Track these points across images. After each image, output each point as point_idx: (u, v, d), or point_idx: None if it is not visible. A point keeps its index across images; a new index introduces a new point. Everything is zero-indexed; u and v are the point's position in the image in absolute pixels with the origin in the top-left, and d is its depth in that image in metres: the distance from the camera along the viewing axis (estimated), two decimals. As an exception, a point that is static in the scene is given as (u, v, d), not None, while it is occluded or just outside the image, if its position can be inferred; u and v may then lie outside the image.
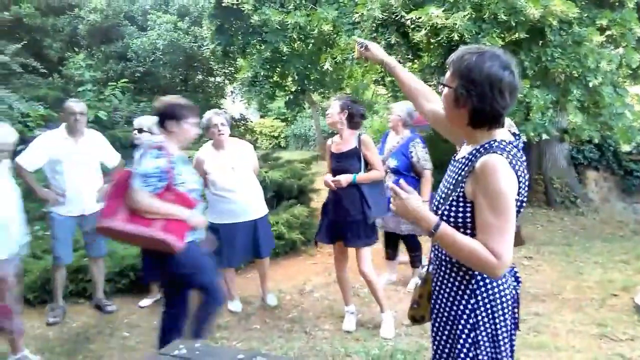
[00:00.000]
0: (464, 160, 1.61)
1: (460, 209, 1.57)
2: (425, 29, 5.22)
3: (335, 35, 6.42)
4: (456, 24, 4.80)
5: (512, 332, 1.68)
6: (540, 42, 5.35)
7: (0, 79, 8.22)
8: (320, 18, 6.27)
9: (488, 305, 1.59)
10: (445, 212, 1.60)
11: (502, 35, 5.11)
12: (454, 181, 1.62)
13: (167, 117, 2.95)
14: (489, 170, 1.47)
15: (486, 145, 1.54)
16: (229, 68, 9.56)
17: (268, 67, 7.06)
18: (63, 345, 3.84)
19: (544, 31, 5.16)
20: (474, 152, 1.57)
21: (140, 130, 4.46)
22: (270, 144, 17.32)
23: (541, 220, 7.37)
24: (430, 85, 5.62)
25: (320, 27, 6.27)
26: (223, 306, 4.38)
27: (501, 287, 1.62)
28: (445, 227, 1.54)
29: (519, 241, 4.29)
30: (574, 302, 4.26)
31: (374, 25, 5.80)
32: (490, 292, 1.60)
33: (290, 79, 7.66)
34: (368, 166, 3.87)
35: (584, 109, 5.63)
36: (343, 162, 3.89)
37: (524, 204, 1.62)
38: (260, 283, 4.61)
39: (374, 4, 5.48)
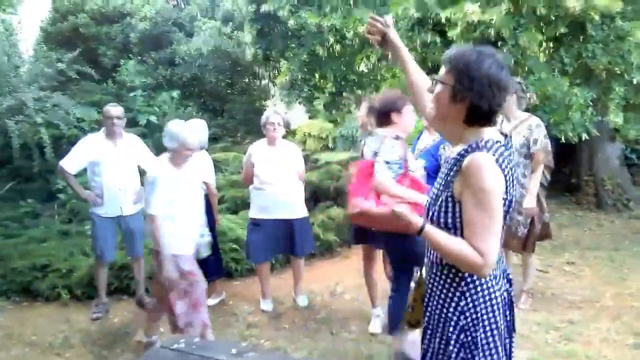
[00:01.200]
0: (453, 161, 1.60)
1: (450, 210, 1.56)
2: (461, 26, 5.10)
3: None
4: (493, 19, 4.65)
5: (506, 336, 1.65)
6: (581, 37, 5.10)
7: (58, 85, 8.71)
8: (355, 19, 6.26)
9: (478, 308, 1.57)
10: (435, 214, 1.60)
11: (541, 30, 4.90)
12: (443, 182, 1.62)
13: (391, 109, 3.23)
14: (474, 168, 1.48)
15: (473, 145, 1.54)
16: (272, 71, 9.71)
17: (306, 70, 7.11)
18: (103, 339, 4.03)
19: (585, 26, 4.93)
20: (462, 151, 1.57)
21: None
22: (318, 145, 17.51)
23: (590, 223, 7.00)
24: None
25: (355, 29, 6.26)
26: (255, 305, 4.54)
27: (492, 290, 1.59)
28: (430, 229, 1.55)
29: (545, 235, 4.11)
30: (612, 310, 4.04)
31: (410, 24, 5.72)
32: (480, 294, 1.58)
33: (327, 81, 7.68)
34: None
35: (628, 107, 5.31)
36: (374, 164, 3.88)
37: (513, 204, 1.59)
38: (293, 283, 4.67)
39: (409, 2, 5.41)
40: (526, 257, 4.23)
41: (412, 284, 1.87)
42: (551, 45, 4.96)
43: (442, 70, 1.60)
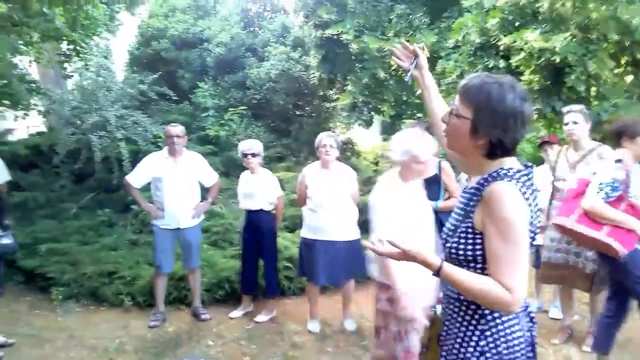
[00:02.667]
0: (472, 190, 1.50)
1: (470, 241, 1.45)
2: (525, 51, 4.86)
3: (431, 61, 6.24)
4: (556, 46, 4.38)
5: None
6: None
7: (139, 105, 9.26)
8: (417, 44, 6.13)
9: (500, 348, 1.44)
10: (454, 245, 1.49)
11: (614, 56, 4.55)
12: (462, 212, 1.51)
13: (623, 133, 3.24)
14: (497, 198, 1.38)
15: (494, 174, 1.43)
16: (337, 95, 9.78)
17: (367, 93, 7.09)
18: (156, 347, 4.12)
19: (664, 50, 4.51)
20: (481, 181, 1.46)
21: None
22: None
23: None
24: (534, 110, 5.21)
25: (417, 53, 6.13)
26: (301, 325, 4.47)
27: (514, 329, 1.46)
28: (449, 268, 1.43)
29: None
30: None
31: (472, 49, 5.54)
32: (502, 333, 1.45)
33: (387, 104, 7.60)
34: (446, 194, 3.68)
35: None
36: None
37: (536, 237, 1.49)
38: (342, 306, 4.57)
39: (471, 28, 5.24)
40: (594, 296, 3.87)
41: (427, 322, 1.74)
42: (629, 69, 4.57)
43: (457, 100, 1.49)
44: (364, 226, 6.84)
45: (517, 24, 5.05)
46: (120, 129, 8.06)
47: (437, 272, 1.43)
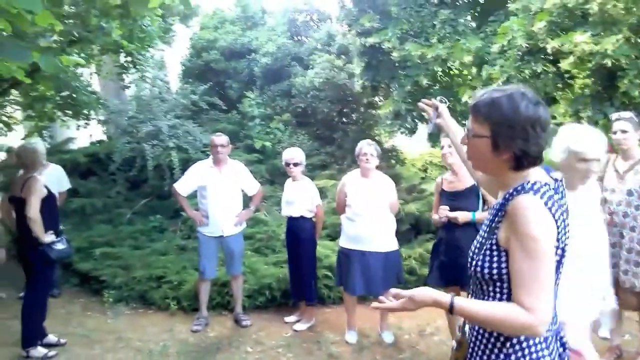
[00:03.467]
0: (498, 205, 1.44)
1: (495, 259, 1.38)
2: (575, 55, 4.59)
3: (476, 67, 6.04)
4: (607, 49, 4.11)
5: None
6: None
7: (190, 114, 9.54)
8: (462, 49, 5.97)
9: None
10: (480, 263, 1.41)
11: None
12: (487, 228, 1.44)
13: None
14: (520, 212, 1.30)
15: (519, 188, 1.37)
16: (381, 102, 9.66)
17: (410, 101, 6.95)
18: (197, 352, 4.21)
19: None
20: (507, 196, 1.40)
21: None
22: (439, 173, 16.99)
23: None
24: (582, 118, 4.93)
25: (461, 59, 5.97)
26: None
27: (542, 353, 1.36)
28: (461, 303, 1.34)
29: None
30: None
31: (519, 54, 5.30)
32: (528, 357, 1.35)
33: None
34: (485, 205, 3.53)
35: None
36: (459, 200, 3.62)
37: (566, 253, 1.38)
38: (380, 317, 4.49)
39: (517, 32, 5.02)
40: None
41: (454, 343, 1.65)
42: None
43: (471, 121, 1.45)
44: (407, 236, 6.74)
45: (565, 26, 4.79)
46: (172, 137, 8.34)
47: (450, 310, 1.35)
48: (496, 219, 1.41)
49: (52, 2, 3.20)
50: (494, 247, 1.38)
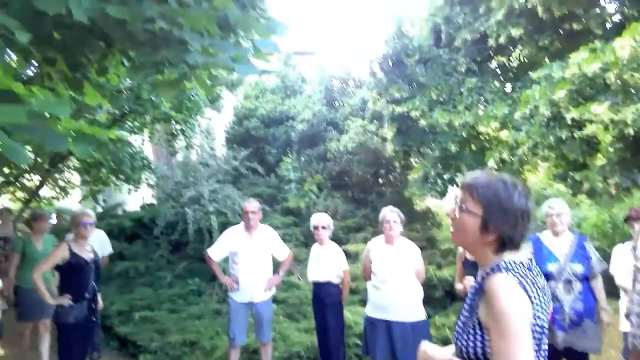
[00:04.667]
0: (476, 285, 1.49)
1: (478, 338, 1.40)
2: (600, 123, 4.56)
3: (500, 133, 6.09)
4: (627, 118, 4.08)
5: None
6: None
7: (230, 179, 9.91)
8: (489, 116, 6.04)
9: None
10: (464, 343, 1.44)
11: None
12: (469, 307, 1.47)
13: None
14: (495, 291, 1.35)
15: (494, 267, 1.42)
16: (415, 164, 9.76)
17: (439, 165, 7.01)
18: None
19: None
20: (483, 275, 1.46)
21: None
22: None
23: None
24: (608, 184, 4.81)
25: (488, 125, 6.03)
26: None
27: None
28: None
29: None
30: None
31: (544, 120, 5.32)
32: None
33: (460, 175, 7.44)
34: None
35: None
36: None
37: (546, 331, 1.39)
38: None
39: (539, 100, 5.07)
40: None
41: None
42: None
43: (464, 196, 1.52)
44: (442, 303, 6.54)
45: (587, 95, 4.80)
46: (213, 202, 8.65)
47: None
48: (476, 297, 1.45)
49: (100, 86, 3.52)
50: (477, 326, 1.41)
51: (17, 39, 1.54)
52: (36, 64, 2.65)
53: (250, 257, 4.76)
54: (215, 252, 4.90)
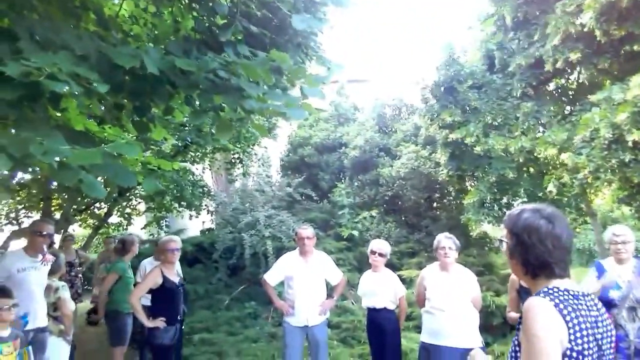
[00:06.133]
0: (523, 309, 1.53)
1: (518, 356, 1.47)
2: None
3: (560, 156, 5.85)
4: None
5: None
6: None
7: (285, 205, 10.11)
8: (546, 142, 5.85)
9: None
10: (513, 357, 1.51)
11: None
12: (518, 327, 1.53)
13: None
14: (527, 313, 1.41)
15: (538, 293, 1.48)
16: (470, 188, 9.54)
17: (495, 191, 6.82)
18: None
19: None
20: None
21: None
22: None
23: None
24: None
25: (545, 150, 5.83)
26: None
27: None
28: None
29: None
30: None
31: (605, 143, 5.09)
32: None
33: (519, 200, 7.19)
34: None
35: None
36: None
37: (586, 358, 1.38)
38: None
39: (599, 123, 4.87)
40: None
41: None
42: None
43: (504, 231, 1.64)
44: (501, 330, 6.30)
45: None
46: (268, 227, 8.86)
47: None
48: (520, 320, 1.49)
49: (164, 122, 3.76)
50: (517, 347, 1.47)
51: (95, 88, 1.73)
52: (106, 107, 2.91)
53: (305, 282, 4.82)
54: (271, 277, 4.99)
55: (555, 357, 1.33)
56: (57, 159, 1.53)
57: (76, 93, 1.60)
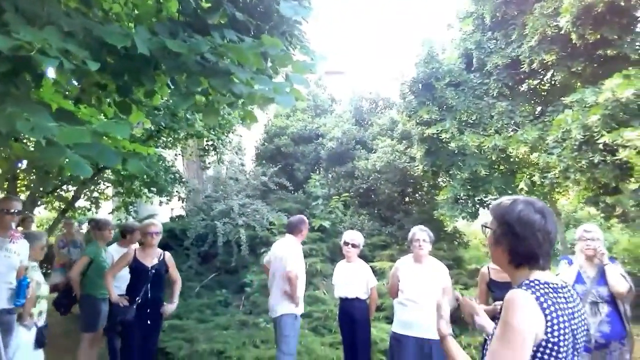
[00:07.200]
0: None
1: None
2: (634, 147, 4.53)
3: (531, 155, 6.06)
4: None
5: None
6: None
7: (259, 194, 10.09)
8: (519, 140, 6.04)
9: None
10: (488, 347, 1.57)
11: None
12: (496, 321, 1.60)
13: None
14: (507, 303, 1.47)
15: (519, 284, 1.54)
16: (443, 184, 9.75)
17: (469, 187, 7.01)
18: None
19: None
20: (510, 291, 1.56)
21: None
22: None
23: None
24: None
25: (517, 149, 6.02)
26: None
27: None
28: (449, 343, 1.72)
29: None
30: None
31: (576, 144, 5.29)
32: None
33: (490, 197, 7.40)
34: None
35: None
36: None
37: (561, 349, 1.45)
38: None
39: (572, 124, 5.06)
40: None
41: None
42: None
43: (490, 218, 1.70)
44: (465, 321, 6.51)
45: (621, 120, 4.78)
46: (242, 216, 8.83)
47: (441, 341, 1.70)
48: (501, 311, 1.55)
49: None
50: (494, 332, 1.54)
51: (86, 66, 1.71)
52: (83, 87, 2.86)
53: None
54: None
55: (525, 351, 1.41)
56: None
57: (65, 70, 1.57)
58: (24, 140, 5.84)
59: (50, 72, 2.54)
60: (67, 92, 3.54)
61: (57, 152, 1.57)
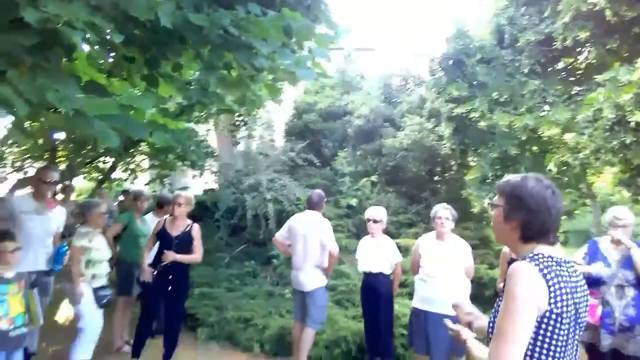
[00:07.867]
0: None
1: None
2: (668, 128, 4.32)
3: (562, 137, 5.84)
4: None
5: None
6: None
7: (287, 170, 10.15)
8: (550, 121, 5.84)
9: None
10: (492, 319, 1.60)
11: None
12: (502, 291, 1.58)
13: None
14: (511, 275, 1.47)
15: (524, 257, 1.54)
16: (472, 163, 9.56)
17: (497, 167, 6.85)
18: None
19: None
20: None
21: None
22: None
23: None
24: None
25: (549, 128, 5.82)
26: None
27: None
28: (470, 342, 1.69)
29: None
30: None
31: (608, 124, 5.08)
32: None
33: (518, 177, 7.20)
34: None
35: None
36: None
37: (564, 320, 1.44)
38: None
39: (603, 103, 4.85)
40: None
41: None
42: None
43: (496, 196, 1.69)
44: (491, 302, 6.45)
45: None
46: (270, 190, 8.93)
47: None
48: (504, 286, 1.55)
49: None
50: (500, 305, 1.53)
51: (111, 39, 1.75)
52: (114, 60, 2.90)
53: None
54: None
55: (527, 321, 1.41)
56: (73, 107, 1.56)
57: (92, 42, 1.60)
58: (60, 111, 6.02)
59: (85, 46, 2.59)
60: (101, 66, 3.61)
61: (85, 123, 1.63)
